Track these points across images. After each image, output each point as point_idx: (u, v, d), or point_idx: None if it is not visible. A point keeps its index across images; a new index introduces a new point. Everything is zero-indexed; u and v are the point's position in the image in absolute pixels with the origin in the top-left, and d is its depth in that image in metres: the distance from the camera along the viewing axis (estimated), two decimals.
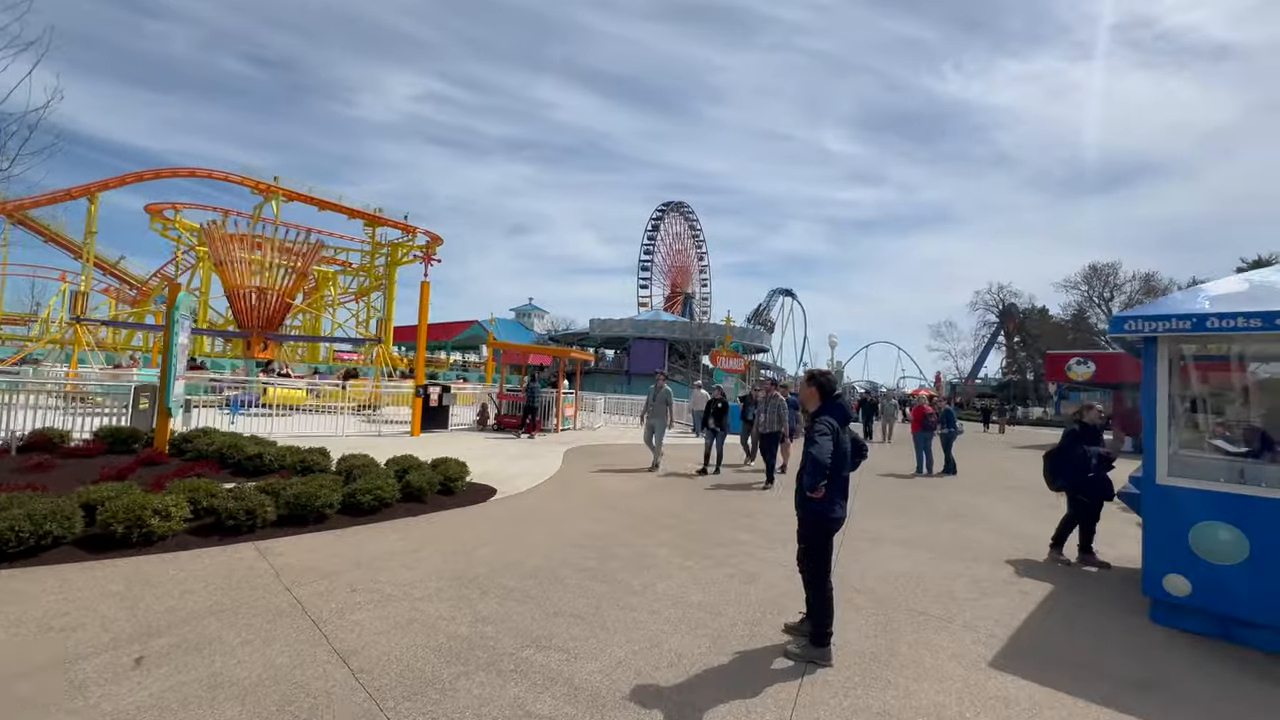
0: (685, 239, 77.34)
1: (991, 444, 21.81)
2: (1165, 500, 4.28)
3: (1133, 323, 4.34)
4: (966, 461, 14.08)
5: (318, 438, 11.70)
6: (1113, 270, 45.66)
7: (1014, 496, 9.76)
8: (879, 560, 5.60)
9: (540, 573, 4.70)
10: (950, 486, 10.53)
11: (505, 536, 5.71)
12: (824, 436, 3.24)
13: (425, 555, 4.96)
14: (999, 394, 58.94)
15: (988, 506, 8.77)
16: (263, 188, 37.31)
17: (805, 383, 3.59)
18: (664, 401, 10.68)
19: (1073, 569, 5.64)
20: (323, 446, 8.21)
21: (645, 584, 4.59)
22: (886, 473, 11.83)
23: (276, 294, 20.87)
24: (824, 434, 3.25)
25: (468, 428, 15.77)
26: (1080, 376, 20.47)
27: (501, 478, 8.77)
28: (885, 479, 11.06)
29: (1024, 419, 43.18)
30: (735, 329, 44.50)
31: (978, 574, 5.32)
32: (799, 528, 3.51)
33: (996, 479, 11.94)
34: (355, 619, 3.63)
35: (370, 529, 5.67)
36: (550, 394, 16.52)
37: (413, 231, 46.23)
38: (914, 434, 11.97)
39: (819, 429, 3.29)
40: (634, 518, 6.80)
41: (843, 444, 3.38)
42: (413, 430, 13.46)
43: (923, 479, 11.30)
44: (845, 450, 3.43)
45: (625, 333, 38.39)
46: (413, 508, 6.49)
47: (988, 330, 66.77)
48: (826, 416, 3.38)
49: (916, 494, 9.61)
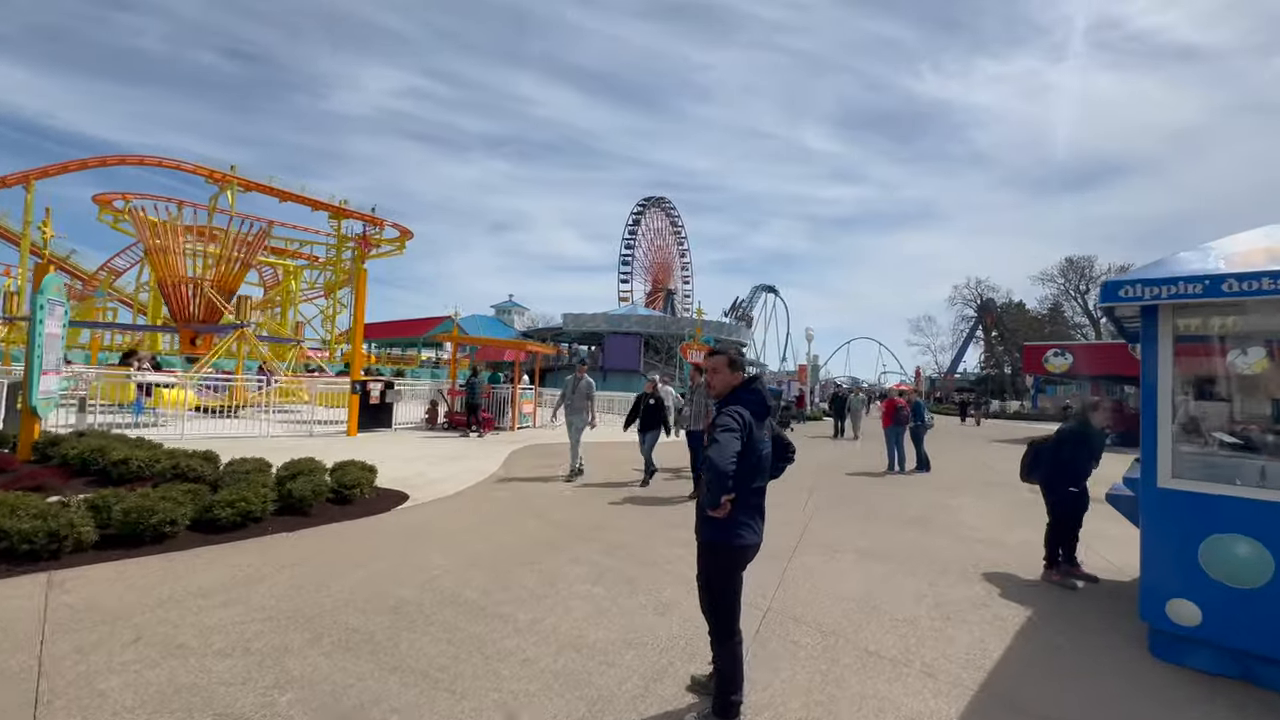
0: (666, 234, 76.47)
1: (969, 437, 21.26)
2: (1169, 507, 3.48)
3: (1130, 288, 3.51)
4: (942, 456, 13.40)
5: (232, 440, 10.62)
6: (1089, 263, 45.86)
7: (990, 494, 9.02)
8: (833, 577, 4.75)
9: (406, 607, 3.76)
10: (923, 484, 9.78)
11: (389, 556, 4.76)
12: (729, 434, 2.36)
13: (267, 585, 3.99)
14: (977, 388, 59.10)
15: (962, 507, 8.01)
16: (218, 177, 35.64)
17: (707, 358, 2.69)
18: (584, 395, 9.14)
19: (1053, 584, 4.84)
20: (212, 450, 7.15)
21: (534, 619, 3.68)
22: (856, 471, 11.05)
23: (214, 285, 19.50)
24: (729, 430, 2.37)
25: (414, 427, 14.72)
26: (1058, 368, 20.01)
27: (421, 483, 7.81)
28: (854, 478, 10.27)
29: (1001, 412, 43.09)
30: (711, 323, 43.75)
31: (945, 593, 4.49)
32: (698, 557, 2.62)
33: (973, 475, 11.23)
34: (101, 688, 2.66)
35: (222, 550, 4.68)
36: (505, 390, 15.53)
37: (380, 224, 44.71)
38: (884, 429, 11.22)
39: (723, 423, 2.40)
40: (557, 530, 5.89)
41: (758, 444, 2.50)
42: (349, 430, 12.39)
43: (894, 477, 10.54)
44: (761, 453, 2.54)
45: (599, 328, 37.40)
46: (293, 521, 5.50)
47: (966, 325, 66.95)
48: (736, 407, 2.49)
49: (886, 493, 8.82)
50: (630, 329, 36.65)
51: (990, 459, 14.33)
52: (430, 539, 5.32)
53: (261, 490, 5.37)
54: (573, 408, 9.14)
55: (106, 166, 33.85)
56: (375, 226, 44.80)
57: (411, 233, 47.05)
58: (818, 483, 9.46)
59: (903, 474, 10.82)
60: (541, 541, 5.42)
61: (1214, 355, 4.12)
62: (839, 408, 19.21)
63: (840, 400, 19.40)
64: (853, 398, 18.80)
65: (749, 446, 2.41)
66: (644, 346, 36.47)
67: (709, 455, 2.28)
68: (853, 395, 19.05)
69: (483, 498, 7.26)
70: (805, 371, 33.69)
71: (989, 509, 7.93)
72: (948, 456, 14.14)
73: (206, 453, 6.94)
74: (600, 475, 9.13)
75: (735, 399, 2.52)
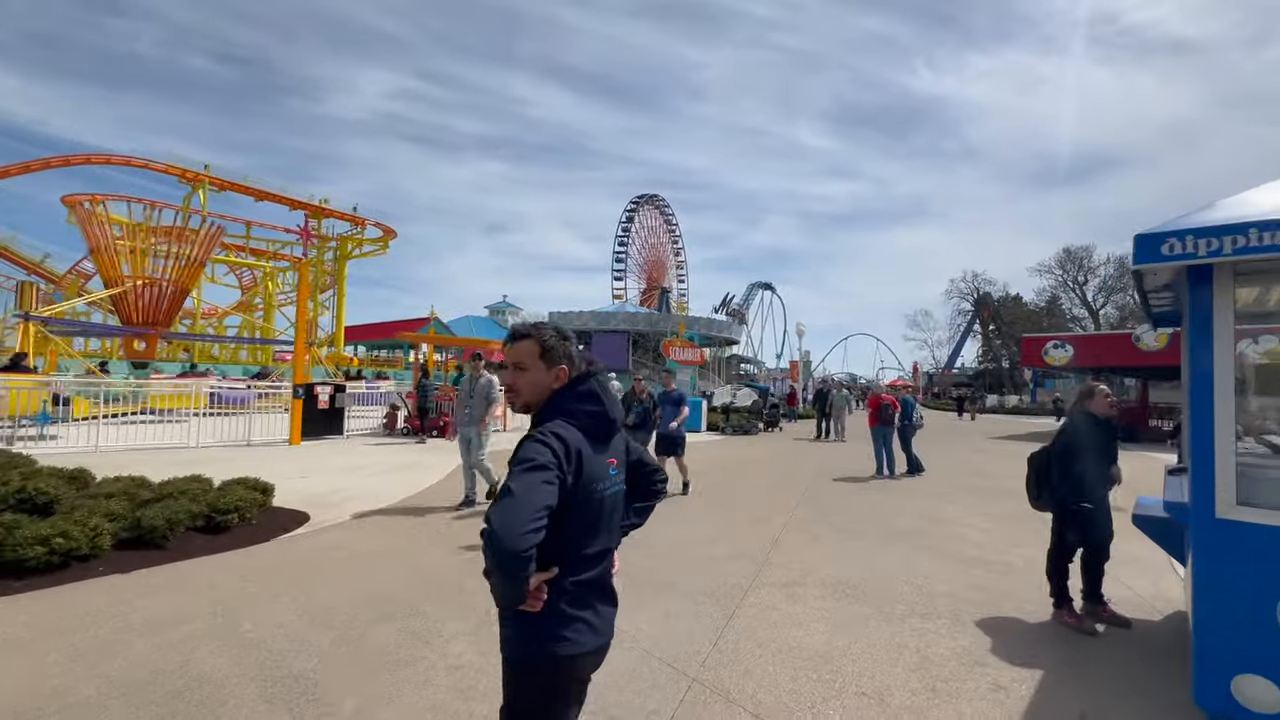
0: (660, 232, 75.43)
1: (966, 434, 20.28)
2: (1234, 547, 2.50)
3: (1175, 242, 2.52)
4: (936, 457, 12.45)
5: (151, 453, 9.62)
6: (1087, 254, 44.88)
7: (990, 501, 8.04)
8: (791, 625, 3.76)
9: (192, 692, 2.77)
10: (913, 490, 8.80)
11: (226, 606, 3.76)
12: (531, 472, 1.32)
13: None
14: (975, 382, 58.27)
15: (957, 518, 7.03)
16: (190, 176, 34.58)
17: (507, 345, 1.66)
18: (484, 398, 7.08)
19: (1067, 628, 3.86)
20: (85, 469, 6.14)
21: (364, 707, 2.68)
22: (841, 475, 10.07)
23: (165, 285, 18.44)
24: (532, 468, 1.33)
25: (370, 433, 13.71)
26: (1057, 361, 19.07)
27: (338, 500, 6.83)
28: (838, 484, 9.28)
29: (1000, 407, 42.16)
30: (698, 319, 42.77)
31: (932, 646, 3.51)
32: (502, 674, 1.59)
33: (969, 478, 10.26)
34: None
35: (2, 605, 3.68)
36: None
37: (362, 224, 43.64)
38: (871, 429, 10.24)
39: (524, 457, 1.37)
40: (463, 565, 4.90)
41: (592, 488, 1.46)
42: (291, 438, 11.39)
43: (882, 482, 9.57)
44: (600, 498, 1.50)
45: (586, 325, 36.37)
46: (140, 558, 4.51)
47: (963, 319, 66.11)
48: (555, 425, 1.45)
49: (871, 502, 7.84)
50: (618, 327, 35.64)
51: (988, 459, 13.37)
52: (293, 580, 4.32)
53: (94, 521, 4.37)
54: (469, 416, 7.07)
55: (70, 166, 32.74)
56: (356, 226, 43.75)
57: (395, 232, 46.01)
58: (794, 490, 8.49)
59: (892, 478, 9.85)
60: (438, 582, 4.42)
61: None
62: (822, 405, 17.74)
63: (824, 397, 17.90)
64: (836, 394, 17.34)
65: (577, 493, 1.41)
66: (632, 345, 35.46)
67: (487, 518, 1.28)
68: (836, 392, 17.62)
69: (394, 522, 6.26)
70: (797, 368, 32.72)
71: (989, 520, 6.95)
72: (942, 456, 13.18)
73: (75, 471, 5.93)
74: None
75: (557, 410, 1.52)
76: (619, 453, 1.62)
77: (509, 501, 1.25)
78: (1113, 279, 44.40)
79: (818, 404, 18.27)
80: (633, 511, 1.78)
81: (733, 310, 54.70)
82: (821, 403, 17.90)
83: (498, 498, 1.28)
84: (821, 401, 17.95)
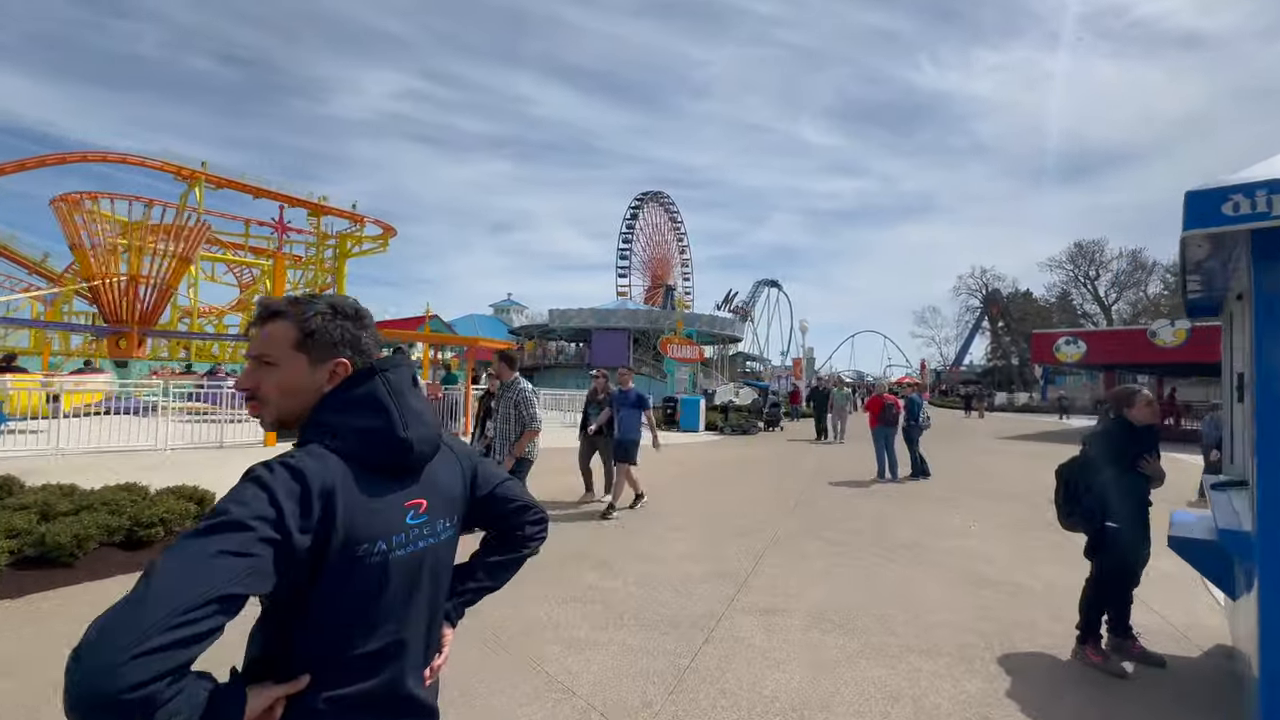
0: (665, 229, 74.78)
1: (973, 433, 19.59)
2: None
3: (1240, 200, 1.95)
4: (942, 457, 11.87)
5: (119, 454, 9.19)
6: (1098, 248, 43.77)
7: (998, 508, 7.46)
8: (765, 666, 3.22)
9: None
10: (915, 496, 8.22)
11: None
12: (206, 537, 0.76)
13: None
14: (984, 380, 57.37)
15: (966, 529, 6.46)
16: (185, 173, 34.34)
17: (254, 322, 1.12)
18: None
19: (1093, 668, 3.29)
20: (11, 475, 5.67)
21: None
22: (839, 480, 9.49)
23: (149, 282, 18.07)
24: (211, 527, 0.78)
25: None
26: (1069, 357, 18.38)
27: None
28: (835, 489, 8.71)
29: (1010, 405, 41.30)
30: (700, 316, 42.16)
31: (931, 693, 2.96)
32: None
33: (976, 481, 9.67)
34: None
35: None
36: (456, 390, 14.05)
37: (361, 221, 43.31)
38: (871, 430, 9.65)
39: (216, 508, 0.82)
40: None
41: (365, 551, 0.92)
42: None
43: (884, 486, 8.99)
44: (376, 563, 0.93)
45: (586, 323, 35.77)
46: (41, 578, 4.03)
47: (971, 316, 65.05)
48: (300, 452, 0.92)
49: (870, 510, 7.28)
50: (618, 324, 35.02)
51: (996, 460, 12.74)
52: None
53: None
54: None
55: (67, 164, 32.60)
56: (355, 224, 43.43)
57: (394, 230, 45.67)
58: (788, 496, 7.93)
59: (895, 482, 9.28)
60: None
61: None
62: (820, 404, 16.57)
63: (822, 396, 16.71)
64: (836, 392, 16.37)
65: (329, 559, 0.88)
66: (633, 343, 34.91)
67: (139, 582, 0.73)
68: (837, 390, 16.73)
69: None
70: (801, 365, 32.07)
71: (1001, 531, 6.38)
72: (947, 456, 12.58)
73: (3, 479, 5.46)
74: None
75: (315, 425, 0.99)
76: (441, 487, 1.08)
77: (133, 596, 0.71)
78: (1125, 274, 43.39)
79: (816, 403, 17.06)
80: (483, 570, 1.24)
81: (736, 307, 53.94)
82: (821, 401, 16.76)
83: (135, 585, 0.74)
84: (821, 400, 16.82)
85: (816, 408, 16.70)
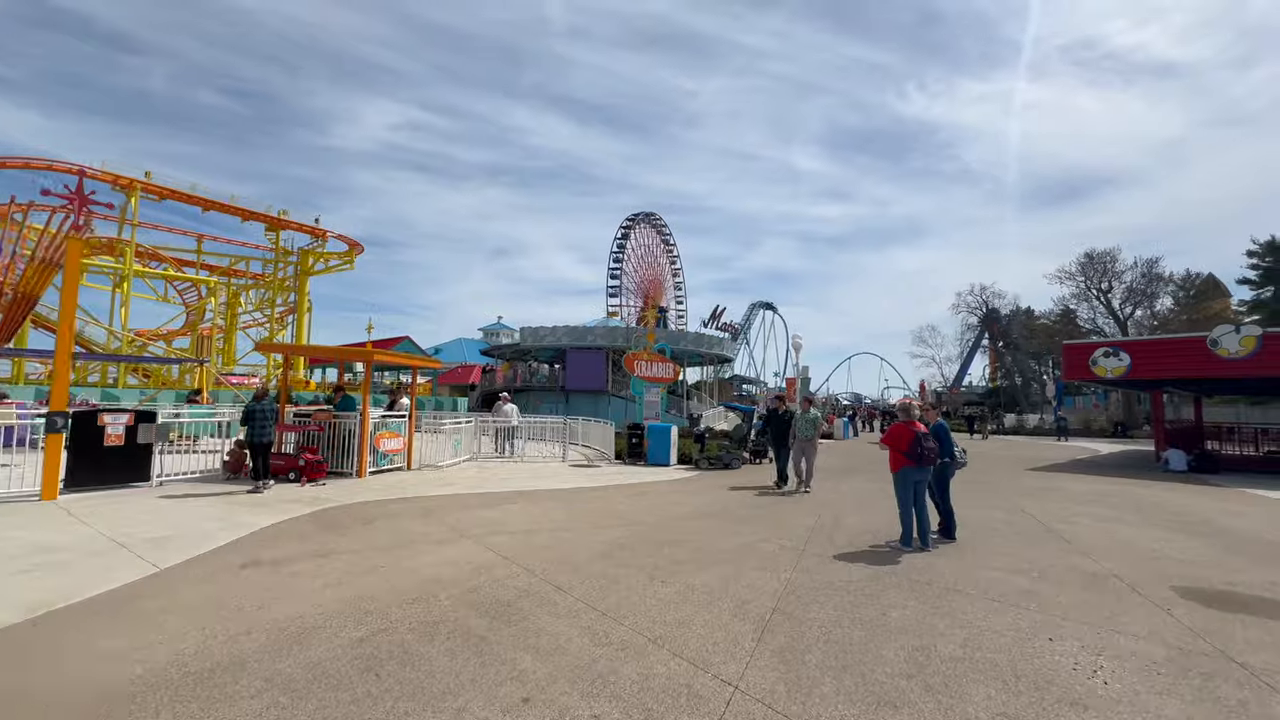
0: (657, 250, 72.62)
1: (995, 462, 16.41)
2: None
3: None
4: (969, 501, 8.90)
5: None
6: (1111, 258, 41.16)
7: (1119, 619, 4.44)
8: None
9: None
10: (964, 583, 5.19)
11: None
12: None
13: None
14: (988, 400, 54.53)
15: (1082, 671, 3.44)
16: (124, 183, 31.51)
17: None
18: None
19: None
20: None
21: None
22: (843, 549, 6.42)
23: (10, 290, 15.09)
24: None
25: (203, 475, 10.13)
26: (1110, 372, 15.48)
27: None
28: (838, 568, 5.64)
29: (1021, 427, 38.24)
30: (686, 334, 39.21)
31: None
32: None
33: (1042, 550, 6.62)
34: None
35: None
36: (350, 419, 10.98)
37: (323, 235, 40.49)
38: (894, 474, 6.61)
39: None
40: None
41: None
42: (44, 490, 7.82)
43: (913, 559, 5.95)
44: None
45: (560, 342, 32.72)
46: None
47: (971, 335, 62.48)
48: None
49: (902, 623, 4.22)
50: (595, 343, 32.00)
51: (1055, 507, 9.67)
52: None
53: None
54: None
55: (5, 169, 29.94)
56: (318, 239, 40.63)
57: (361, 246, 42.91)
58: (760, 593, 4.89)
59: (926, 551, 6.26)
60: None
61: None
62: (778, 432, 11.35)
63: (781, 422, 11.36)
64: (800, 417, 10.95)
65: None
66: (612, 365, 31.88)
67: None
68: (801, 413, 11.09)
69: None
70: (794, 386, 29.06)
71: (1154, 677, 3.35)
72: (977, 500, 9.55)
73: None
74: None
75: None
76: None
77: None
78: (1140, 284, 40.73)
79: (773, 432, 11.61)
80: None
81: (724, 325, 51.09)
82: (780, 430, 11.34)
83: None
84: (780, 429, 11.36)
85: (774, 439, 11.56)
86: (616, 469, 13.68)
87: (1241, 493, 11.42)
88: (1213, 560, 6.16)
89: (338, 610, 4.18)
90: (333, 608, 4.22)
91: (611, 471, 13.16)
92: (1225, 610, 4.62)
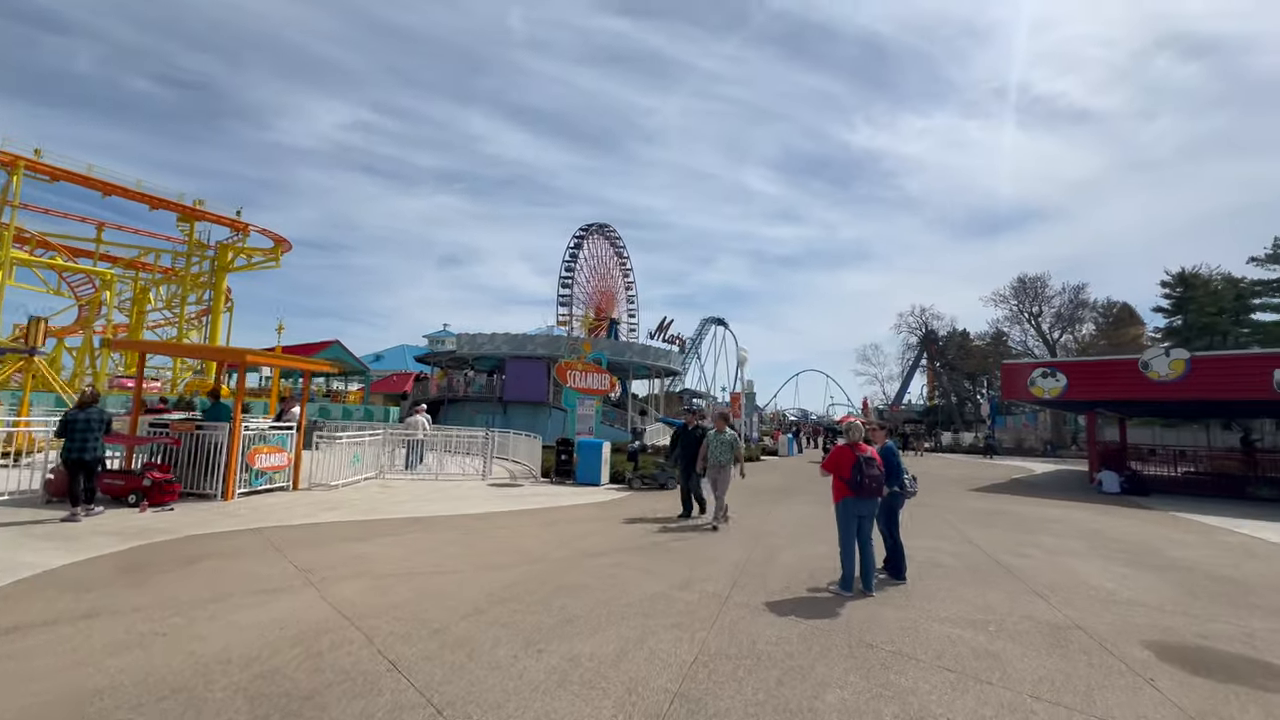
0: (610, 262, 71.79)
1: (938, 482, 16.02)
2: None
3: None
4: (915, 530, 8.19)
5: None
6: (1041, 284, 43.26)
7: (1108, 696, 3.61)
8: None
9: None
10: (915, 646, 4.28)
11: None
12: None
13: None
14: (926, 418, 56.07)
15: None
16: (4, 159, 28.01)
17: None
18: None
19: None
20: None
21: None
22: (774, 596, 5.45)
23: None
24: None
25: (11, 499, 8.27)
26: (1047, 392, 15.43)
27: None
28: (764, 626, 4.64)
29: (957, 445, 39.20)
30: (630, 345, 38.30)
31: None
32: None
33: (999, 594, 5.86)
34: None
35: None
36: (218, 430, 9.32)
37: (244, 229, 37.47)
38: (836, 504, 5.71)
39: None
40: None
41: None
42: None
43: (853, 608, 5.02)
44: None
45: (499, 350, 31.05)
46: None
47: (911, 354, 64.42)
48: None
49: (832, 712, 3.23)
50: (535, 352, 30.55)
51: (1002, 535, 9.08)
52: None
53: None
54: None
55: None
56: (238, 233, 37.58)
57: (289, 243, 40.03)
58: (675, 661, 3.82)
59: (869, 595, 5.36)
60: None
61: None
62: (688, 455, 9.50)
63: (690, 440, 9.60)
64: (712, 436, 8.97)
65: None
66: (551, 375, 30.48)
67: None
68: (714, 432, 9.03)
69: None
70: (739, 401, 28.53)
71: None
72: (922, 525, 8.88)
73: None
74: None
75: None
76: None
77: None
78: (1068, 309, 42.81)
79: (683, 451, 9.85)
80: None
81: (671, 337, 50.45)
82: (689, 450, 9.52)
83: None
84: (689, 448, 9.54)
85: (682, 461, 9.80)
86: (540, 489, 12.43)
87: (1175, 517, 11.27)
88: (1176, 605, 5.53)
89: (36, 716, 2.83)
90: (34, 713, 2.87)
91: (533, 492, 11.91)
92: (1213, 679, 3.87)
